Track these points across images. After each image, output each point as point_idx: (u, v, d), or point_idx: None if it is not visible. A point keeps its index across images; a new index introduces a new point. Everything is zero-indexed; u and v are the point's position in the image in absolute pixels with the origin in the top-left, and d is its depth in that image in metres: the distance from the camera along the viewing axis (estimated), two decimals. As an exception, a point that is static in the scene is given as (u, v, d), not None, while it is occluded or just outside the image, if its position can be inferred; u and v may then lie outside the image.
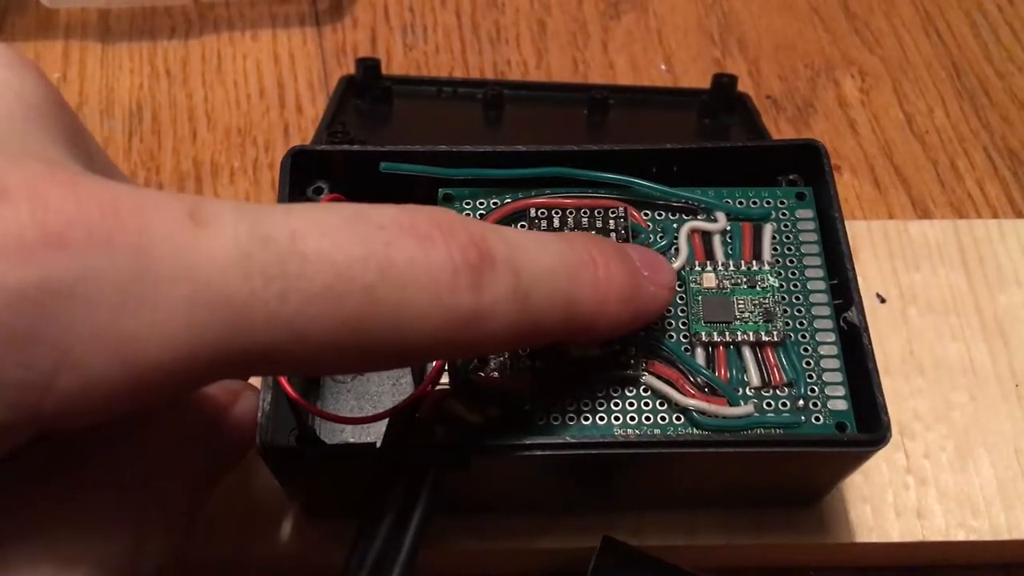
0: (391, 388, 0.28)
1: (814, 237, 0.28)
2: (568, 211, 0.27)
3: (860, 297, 0.26)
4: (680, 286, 0.27)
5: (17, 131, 0.17)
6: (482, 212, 0.28)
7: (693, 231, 0.28)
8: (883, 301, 0.33)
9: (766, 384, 0.25)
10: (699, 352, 0.26)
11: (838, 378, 0.26)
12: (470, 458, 0.23)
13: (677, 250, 0.27)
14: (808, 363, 0.26)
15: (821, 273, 0.27)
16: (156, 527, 0.19)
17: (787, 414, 0.25)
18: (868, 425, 0.24)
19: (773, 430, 0.25)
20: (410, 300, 0.17)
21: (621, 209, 0.28)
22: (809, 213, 0.28)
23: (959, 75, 0.43)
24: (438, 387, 0.25)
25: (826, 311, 0.26)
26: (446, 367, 0.25)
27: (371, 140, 0.33)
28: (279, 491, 0.28)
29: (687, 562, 0.26)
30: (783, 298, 0.27)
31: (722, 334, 0.26)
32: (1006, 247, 0.34)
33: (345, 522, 0.23)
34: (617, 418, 0.25)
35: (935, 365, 0.32)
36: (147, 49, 0.42)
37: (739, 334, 0.26)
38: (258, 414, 0.23)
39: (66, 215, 0.14)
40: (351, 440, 0.27)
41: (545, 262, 0.20)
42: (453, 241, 0.18)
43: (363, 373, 0.18)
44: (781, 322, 0.26)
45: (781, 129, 0.41)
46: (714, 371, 0.26)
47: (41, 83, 0.18)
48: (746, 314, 0.26)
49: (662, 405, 0.25)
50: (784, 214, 0.28)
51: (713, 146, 0.29)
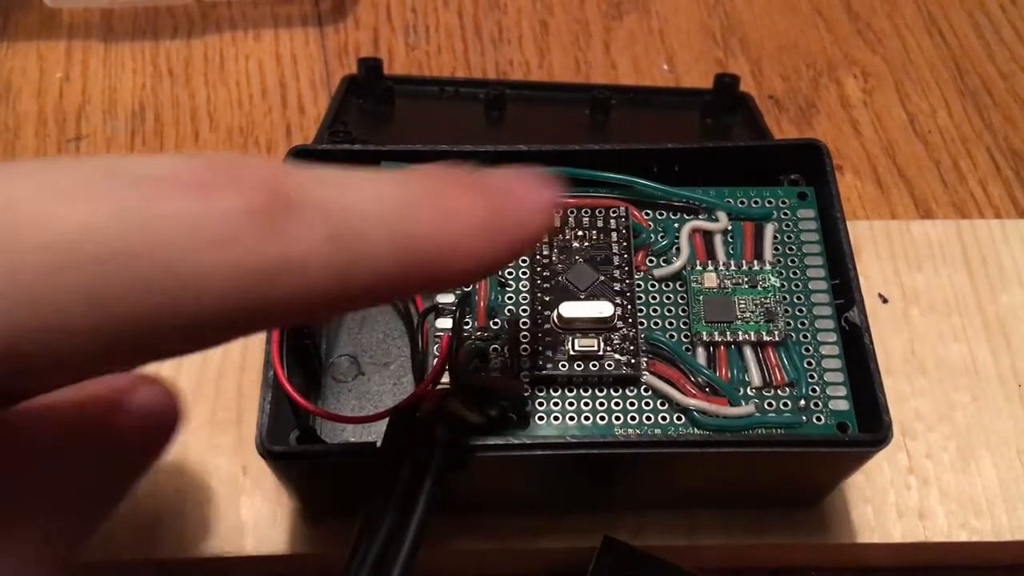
0: (392, 388, 0.28)
1: (816, 237, 0.28)
2: (569, 210, 0.27)
3: (862, 297, 0.26)
4: (681, 286, 0.27)
5: None
6: (483, 212, 0.28)
7: (695, 231, 0.28)
8: (885, 301, 0.33)
9: (767, 384, 0.25)
10: (700, 352, 0.26)
11: (839, 378, 0.26)
12: (470, 458, 0.23)
13: (679, 250, 0.27)
14: (809, 363, 0.26)
15: (823, 273, 0.27)
16: (27, 557, 0.17)
17: (788, 414, 0.25)
18: (869, 425, 0.24)
19: (774, 430, 0.25)
20: (184, 260, 0.14)
21: (623, 209, 0.28)
22: (811, 213, 0.28)
23: (962, 75, 0.43)
24: (439, 387, 0.25)
25: (827, 311, 0.26)
26: (446, 367, 0.25)
27: (373, 140, 0.33)
28: (280, 490, 0.28)
29: (688, 562, 0.26)
30: (784, 298, 0.27)
31: (723, 334, 0.26)
32: (1009, 247, 0.34)
33: (346, 522, 0.23)
34: (618, 418, 0.25)
35: (937, 365, 0.31)
36: (150, 49, 0.43)
37: (740, 334, 0.26)
38: (169, 408, 0.20)
39: None
40: (352, 440, 0.27)
41: (373, 200, 0.17)
42: (244, 185, 0.15)
43: (175, 356, 0.15)
44: (782, 322, 0.26)
45: (783, 129, 0.41)
46: (715, 371, 0.26)
47: None
48: (747, 314, 0.26)
49: (663, 405, 0.25)
50: (786, 214, 0.28)
51: (715, 146, 0.29)
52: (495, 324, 0.26)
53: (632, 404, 0.25)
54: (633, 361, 0.25)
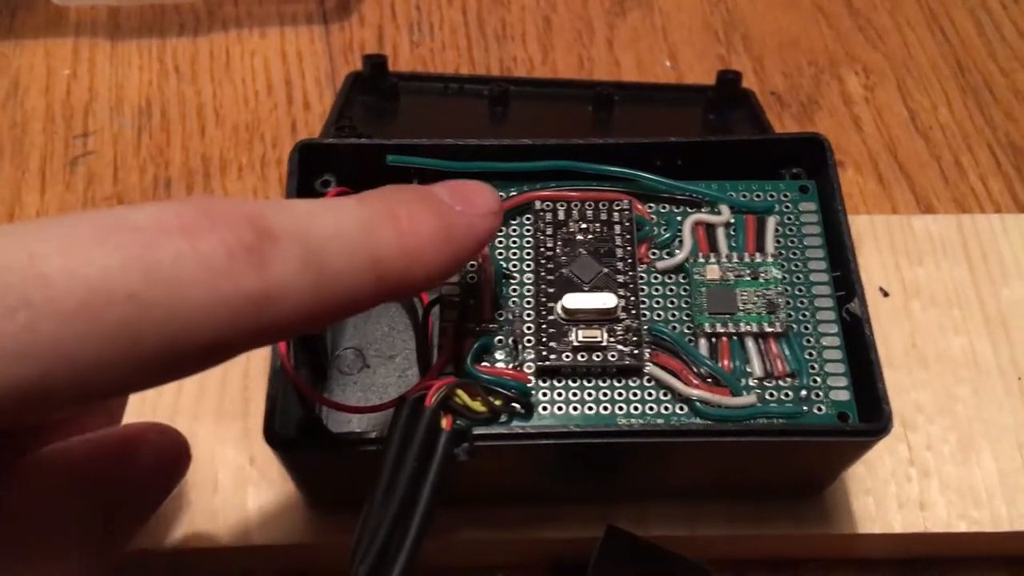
0: (397, 379, 0.28)
1: (817, 230, 0.28)
2: (573, 204, 0.28)
3: (862, 288, 0.26)
4: (684, 278, 0.27)
5: None
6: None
7: (697, 223, 0.28)
8: (886, 295, 0.33)
9: (769, 375, 0.26)
10: (702, 343, 0.26)
11: (840, 369, 0.26)
12: (475, 447, 0.23)
13: (681, 242, 0.27)
14: (811, 354, 0.26)
15: (824, 265, 0.27)
16: None
17: (790, 404, 0.25)
18: (870, 415, 0.25)
19: (776, 420, 0.25)
20: (185, 296, 0.16)
21: (626, 202, 0.28)
22: (812, 206, 0.28)
23: (963, 72, 0.43)
24: (444, 377, 0.25)
25: (829, 302, 0.27)
26: (451, 358, 0.26)
27: (378, 136, 0.33)
28: (287, 481, 0.28)
29: (690, 552, 0.26)
30: (786, 290, 0.27)
31: (725, 325, 0.26)
32: (1009, 241, 0.34)
33: (351, 512, 0.23)
34: (621, 408, 0.25)
35: (938, 358, 0.32)
36: (156, 46, 0.43)
37: (742, 325, 0.26)
38: (178, 452, 0.22)
39: None
40: (358, 430, 0.27)
41: (337, 225, 0.19)
42: (224, 225, 0.17)
43: (179, 378, 0.17)
44: (784, 313, 0.26)
45: (785, 125, 0.41)
46: (717, 362, 0.26)
47: None
48: (749, 305, 0.26)
49: (666, 395, 0.25)
50: (787, 207, 0.28)
51: (717, 140, 0.29)
52: (500, 316, 0.26)
53: (635, 394, 0.25)
54: (636, 352, 0.25)
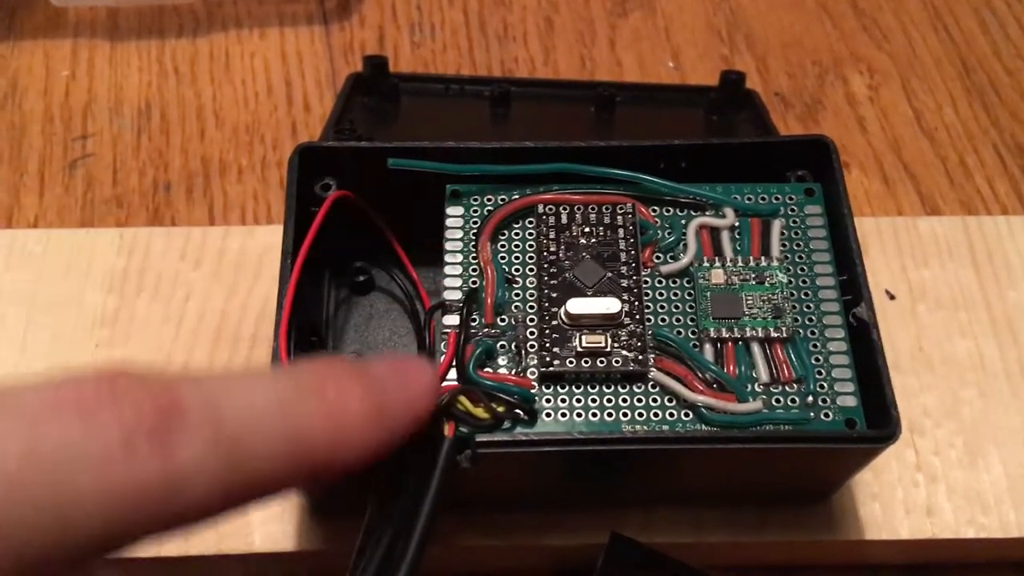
0: (399, 384, 0.28)
1: (823, 233, 0.27)
2: (576, 207, 0.27)
3: (869, 292, 0.26)
4: (688, 282, 0.27)
5: None
6: (490, 208, 0.28)
7: (701, 227, 0.27)
8: (892, 298, 0.33)
9: (775, 380, 0.25)
10: (708, 348, 0.26)
11: (847, 374, 0.25)
12: (478, 454, 0.23)
13: (686, 246, 0.27)
14: (817, 359, 0.26)
15: (830, 269, 0.27)
16: None
17: (796, 410, 0.25)
18: (878, 421, 0.24)
19: (782, 426, 0.25)
20: (68, 483, 0.15)
21: (629, 205, 0.28)
22: (818, 209, 0.28)
23: (968, 72, 0.43)
24: (447, 383, 0.25)
25: (835, 307, 0.26)
26: (454, 363, 0.25)
27: (379, 137, 0.33)
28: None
29: (695, 559, 0.26)
30: (792, 294, 0.26)
31: (731, 330, 0.26)
32: (1015, 243, 0.34)
33: (354, 518, 0.23)
34: (625, 414, 0.25)
35: (944, 361, 0.31)
36: (156, 47, 0.43)
37: (748, 330, 0.26)
38: None
39: None
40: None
41: (256, 400, 0.17)
42: (125, 404, 0.16)
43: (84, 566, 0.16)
44: (790, 318, 0.26)
45: (789, 126, 0.41)
46: (723, 367, 0.25)
47: None
48: (755, 310, 0.26)
49: (670, 401, 0.25)
50: (793, 210, 0.28)
51: (721, 142, 0.29)
52: (502, 321, 0.26)
53: (639, 400, 0.25)
54: (640, 357, 0.25)
